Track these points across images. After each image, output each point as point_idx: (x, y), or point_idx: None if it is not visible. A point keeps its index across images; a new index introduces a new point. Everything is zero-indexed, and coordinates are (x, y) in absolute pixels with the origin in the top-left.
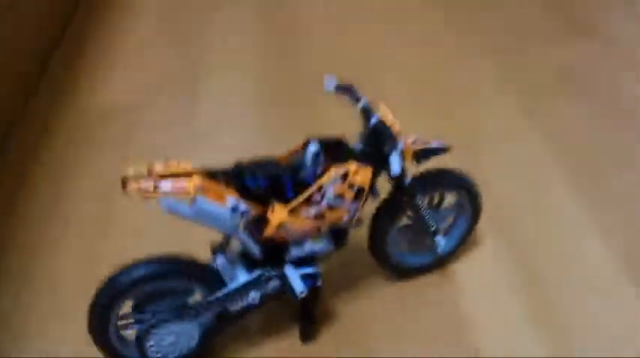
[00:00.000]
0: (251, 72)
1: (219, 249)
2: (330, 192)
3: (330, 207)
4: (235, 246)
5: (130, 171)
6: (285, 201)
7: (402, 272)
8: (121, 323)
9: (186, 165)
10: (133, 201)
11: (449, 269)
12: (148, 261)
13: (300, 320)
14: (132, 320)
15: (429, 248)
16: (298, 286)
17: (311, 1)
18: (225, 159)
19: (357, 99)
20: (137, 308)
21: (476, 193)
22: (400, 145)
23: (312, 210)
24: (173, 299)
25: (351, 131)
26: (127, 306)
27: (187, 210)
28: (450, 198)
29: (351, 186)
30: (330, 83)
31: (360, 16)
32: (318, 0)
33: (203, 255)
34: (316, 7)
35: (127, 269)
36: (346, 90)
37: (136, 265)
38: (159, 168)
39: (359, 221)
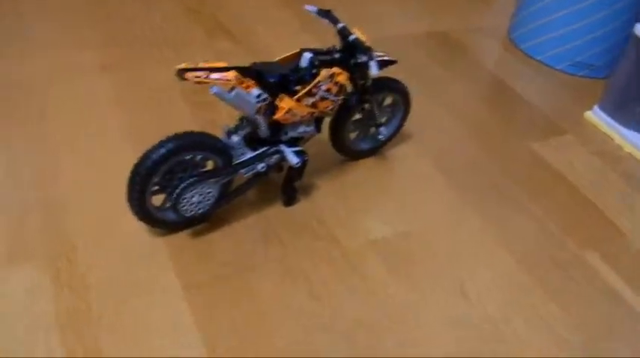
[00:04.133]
0: None
1: (231, 132)
2: (323, 87)
3: (322, 99)
4: (241, 131)
5: (182, 65)
6: (289, 93)
7: (353, 155)
8: (154, 191)
9: (221, 64)
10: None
11: (383, 152)
12: (176, 137)
13: (283, 190)
14: (165, 189)
15: (373, 136)
16: (294, 159)
17: None
18: None
19: (336, 21)
20: (165, 179)
21: (408, 96)
22: (374, 55)
23: (310, 100)
24: (192, 170)
25: None
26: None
27: (228, 95)
28: (388, 99)
29: (335, 83)
30: (312, 9)
31: None
32: None
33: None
34: None
35: (158, 146)
36: (326, 14)
37: (166, 141)
38: (202, 64)
39: (332, 111)
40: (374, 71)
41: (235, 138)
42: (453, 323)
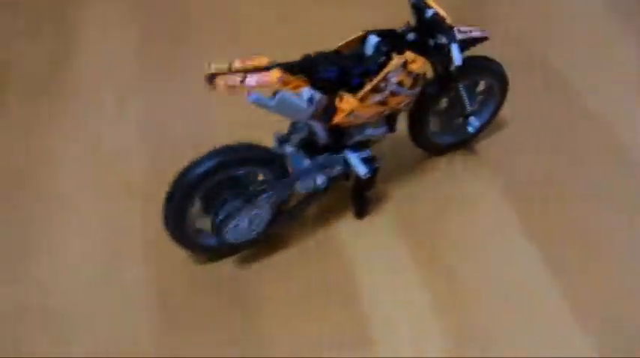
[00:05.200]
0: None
1: (284, 139)
2: (394, 80)
3: (393, 94)
4: (296, 136)
5: (212, 68)
6: (351, 89)
7: (437, 150)
8: (195, 215)
9: (262, 60)
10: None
11: (474, 145)
12: (220, 152)
13: (354, 200)
14: (208, 209)
15: (460, 128)
16: (362, 168)
17: None
18: None
19: None
20: (206, 200)
21: (506, 79)
22: (456, 37)
23: (377, 97)
24: (239, 187)
25: None
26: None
27: (270, 102)
28: (480, 83)
29: (409, 73)
30: None
31: None
32: None
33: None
34: None
35: (202, 161)
36: None
37: (208, 156)
38: (238, 64)
39: (408, 106)
40: (456, 60)
41: (288, 149)
42: None
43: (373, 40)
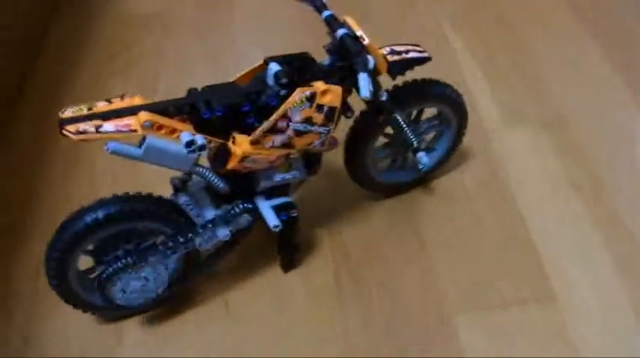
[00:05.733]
0: None
1: (180, 185)
2: (297, 118)
3: (299, 133)
4: (200, 180)
5: (68, 112)
6: (248, 128)
7: (385, 190)
8: (82, 269)
9: (134, 101)
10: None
11: (432, 183)
12: (107, 203)
13: (280, 251)
14: (94, 266)
15: (411, 164)
16: (272, 219)
17: None
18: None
19: (320, 9)
20: (99, 252)
21: (460, 104)
22: (370, 62)
23: (279, 139)
24: (138, 240)
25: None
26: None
27: (136, 151)
28: (432, 110)
29: (319, 107)
30: None
31: None
32: None
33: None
34: None
35: (83, 212)
36: None
37: (92, 207)
38: (102, 106)
39: (333, 142)
40: (362, 92)
41: (183, 198)
42: None
43: (273, 68)
